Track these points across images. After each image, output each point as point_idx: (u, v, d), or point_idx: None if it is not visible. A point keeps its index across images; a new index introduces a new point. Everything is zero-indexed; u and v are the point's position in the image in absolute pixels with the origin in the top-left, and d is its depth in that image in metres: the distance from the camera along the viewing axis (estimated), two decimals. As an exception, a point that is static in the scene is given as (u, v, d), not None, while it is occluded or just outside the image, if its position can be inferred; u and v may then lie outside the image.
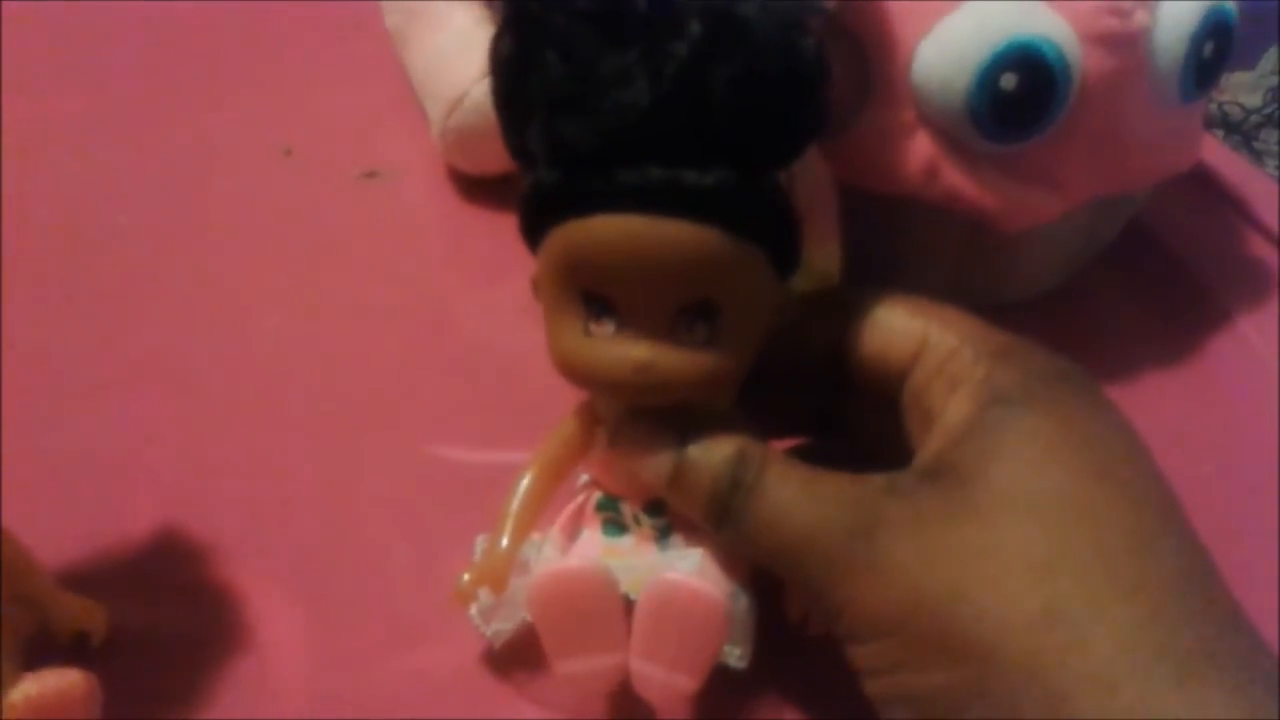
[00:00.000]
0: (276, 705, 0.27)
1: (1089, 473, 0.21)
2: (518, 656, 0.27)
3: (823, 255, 0.31)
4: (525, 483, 0.26)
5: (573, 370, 0.23)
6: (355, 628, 0.28)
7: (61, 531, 0.29)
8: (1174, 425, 0.26)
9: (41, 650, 0.25)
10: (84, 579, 0.28)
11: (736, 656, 0.24)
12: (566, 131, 0.21)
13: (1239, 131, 0.95)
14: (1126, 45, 0.31)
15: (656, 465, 0.24)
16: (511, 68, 0.22)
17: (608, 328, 0.22)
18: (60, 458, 0.33)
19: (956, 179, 0.32)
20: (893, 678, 0.21)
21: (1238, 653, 0.19)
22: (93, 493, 0.32)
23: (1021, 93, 0.30)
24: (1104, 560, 0.20)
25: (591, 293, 0.22)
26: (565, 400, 0.26)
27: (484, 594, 0.25)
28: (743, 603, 0.24)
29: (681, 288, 0.22)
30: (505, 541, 0.25)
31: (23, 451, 0.32)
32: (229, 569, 0.29)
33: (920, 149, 0.32)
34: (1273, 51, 0.96)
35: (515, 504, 0.26)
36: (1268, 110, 0.96)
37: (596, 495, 0.26)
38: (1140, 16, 0.31)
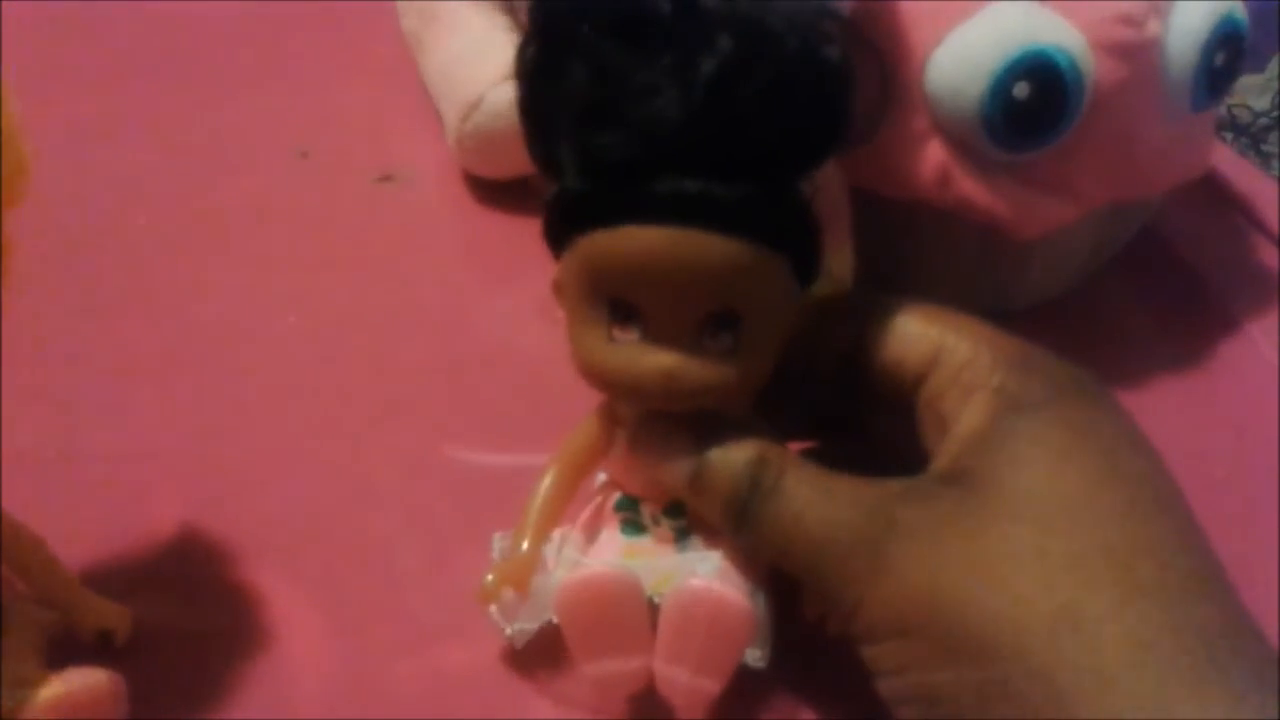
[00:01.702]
0: (296, 703, 0.27)
1: (1102, 478, 0.22)
2: (536, 654, 0.27)
3: (837, 261, 0.31)
4: (545, 485, 0.26)
5: (597, 376, 0.23)
6: (374, 627, 0.29)
7: (84, 532, 0.29)
8: (1182, 430, 0.26)
9: (65, 649, 0.25)
10: (106, 579, 0.28)
11: (756, 658, 0.24)
12: (599, 143, 0.21)
13: (1247, 134, 0.95)
14: (1139, 54, 0.31)
15: (677, 468, 0.24)
16: (538, 77, 0.22)
17: (632, 334, 0.23)
18: (82, 459, 0.33)
19: (969, 186, 0.32)
20: (905, 678, 0.22)
21: (1245, 658, 0.20)
22: (114, 494, 0.32)
23: (1034, 101, 0.30)
24: (1116, 564, 0.20)
25: (617, 300, 0.23)
26: (581, 403, 0.26)
27: (506, 593, 0.26)
28: (761, 603, 0.25)
29: (709, 298, 0.22)
30: (526, 545, 0.25)
31: (45, 452, 0.32)
32: (249, 569, 0.30)
33: (933, 156, 0.32)
34: (1280, 55, 0.96)
35: (536, 506, 0.26)
36: (1276, 113, 0.95)
37: (615, 495, 0.26)
38: (1152, 26, 0.31)
